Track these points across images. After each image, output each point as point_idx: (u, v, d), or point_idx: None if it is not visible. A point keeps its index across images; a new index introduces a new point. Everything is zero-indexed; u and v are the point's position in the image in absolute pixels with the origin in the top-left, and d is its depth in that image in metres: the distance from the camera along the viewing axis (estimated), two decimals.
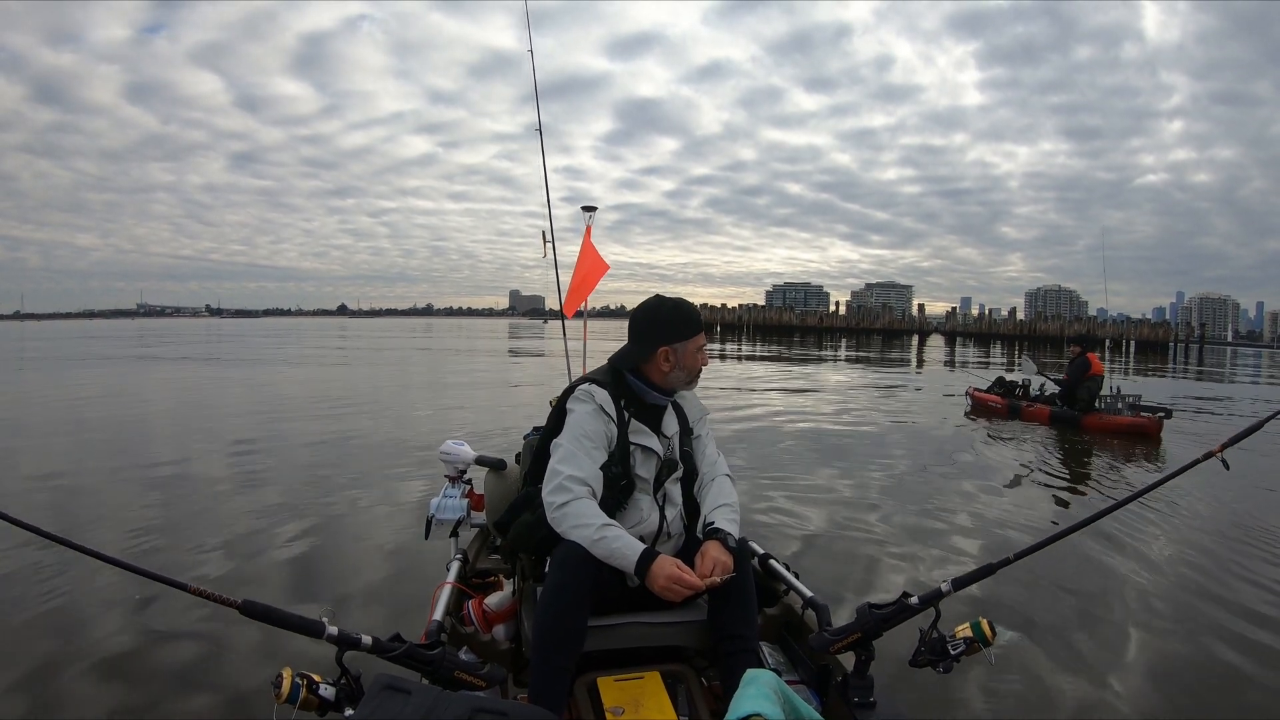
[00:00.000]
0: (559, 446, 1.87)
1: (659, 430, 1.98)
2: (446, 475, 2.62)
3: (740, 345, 42.88)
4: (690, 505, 2.03)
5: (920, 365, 27.49)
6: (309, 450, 7.50)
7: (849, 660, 1.74)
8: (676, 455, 2.00)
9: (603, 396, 1.90)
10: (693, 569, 1.75)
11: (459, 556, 2.43)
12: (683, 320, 1.95)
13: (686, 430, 2.05)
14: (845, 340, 56.24)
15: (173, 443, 8.20)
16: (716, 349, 34.86)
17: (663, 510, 1.95)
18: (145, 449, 7.72)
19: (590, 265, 3.65)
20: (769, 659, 1.93)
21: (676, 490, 2.00)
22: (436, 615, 1.93)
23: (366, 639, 1.52)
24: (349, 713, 1.43)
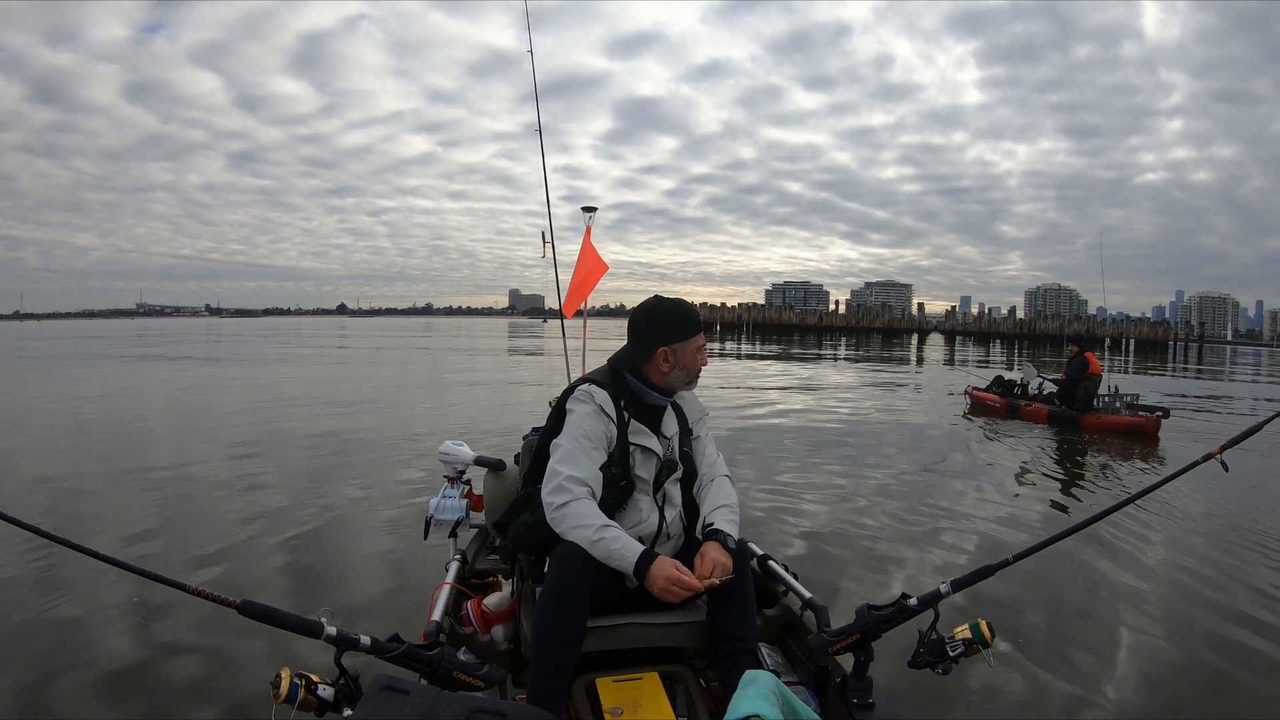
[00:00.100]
0: (558, 447, 1.87)
1: (659, 431, 1.98)
2: (445, 475, 2.62)
3: (740, 344, 42.87)
4: (690, 506, 2.02)
5: (920, 364, 27.50)
6: (308, 450, 7.50)
7: (848, 661, 1.74)
8: (676, 456, 2.00)
9: (602, 397, 1.90)
10: (692, 570, 1.75)
11: (458, 557, 2.43)
12: (682, 320, 1.95)
13: (686, 431, 2.05)
14: (845, 339, 56.26)
15: (172, 442, 8.21)
16: (716, 348, 34.85)
17: (662, 511, 1.95)
18: (144, 449, 7.72)
19: (590, 266, 3.65)
20: (768, 660, 1.92)
21: (676, 491, 2.00)
22: (435, 616, 1.93)
23: (365, 639, 1.51)
24: (347, 713, 1.43)
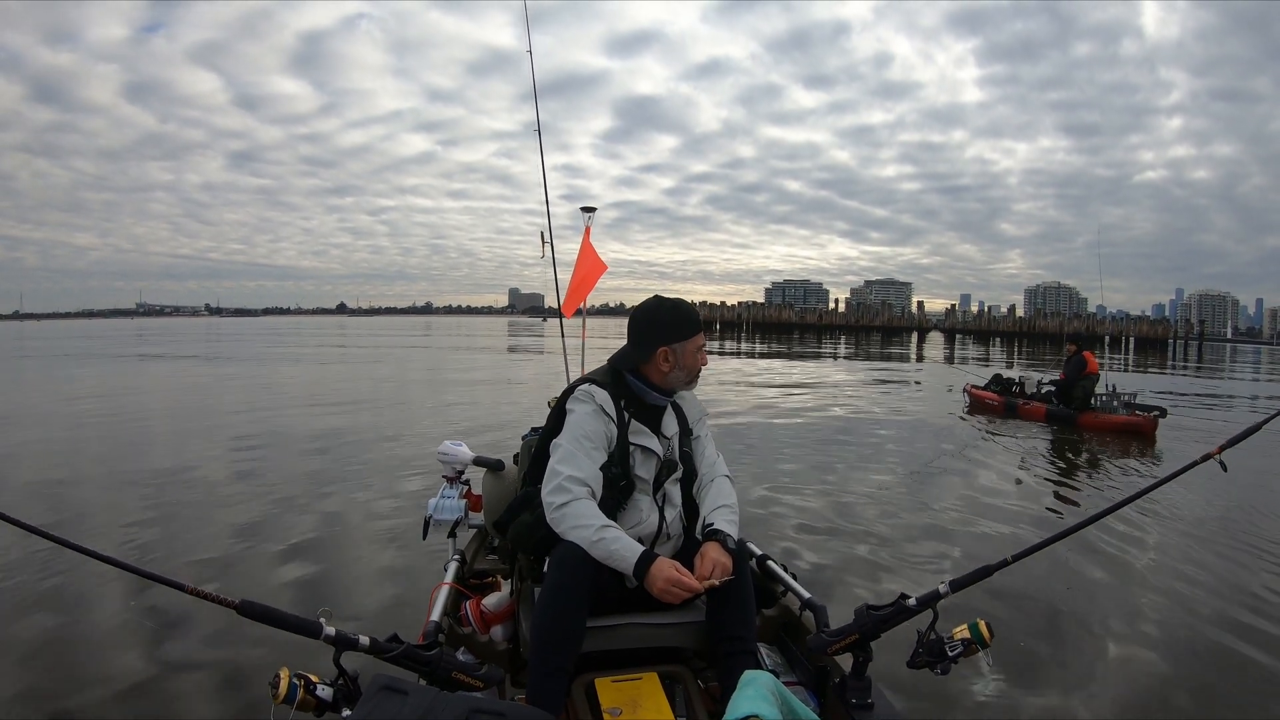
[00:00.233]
0: (558, 447, 1.87)
1: (659, 431, 1.98)
2: (444, 476, 2.62)
3: (740, 343, 42.88)
4: (689, 506, 2.02)
5: (920, 361, 27.52)
6: (307, 450, 7.50)
7: (846, 661, 1.74)
8: (676, 456, 2.00)
9: (603, 397, 1.90)
10: (691, 570, 1.75)
11: (457, 557, 2.43)
12: (682, 320, 1.95)
13: (686, 431, 2.05)
14: (844, 338, 56.26)
15: (172, 441, 8.21)
16: (716, 347, 34.86)
17: (662, 511, 1.95)
18: (144, 448, 7.72)
19: (589, 266, 3.65)
20: (766, 660, 1.93)
21: (676, 491, 2.00)
22: (434, 616, 1.93)
23: (364, 639, 1.52)
24: (346, 713, 1.43)
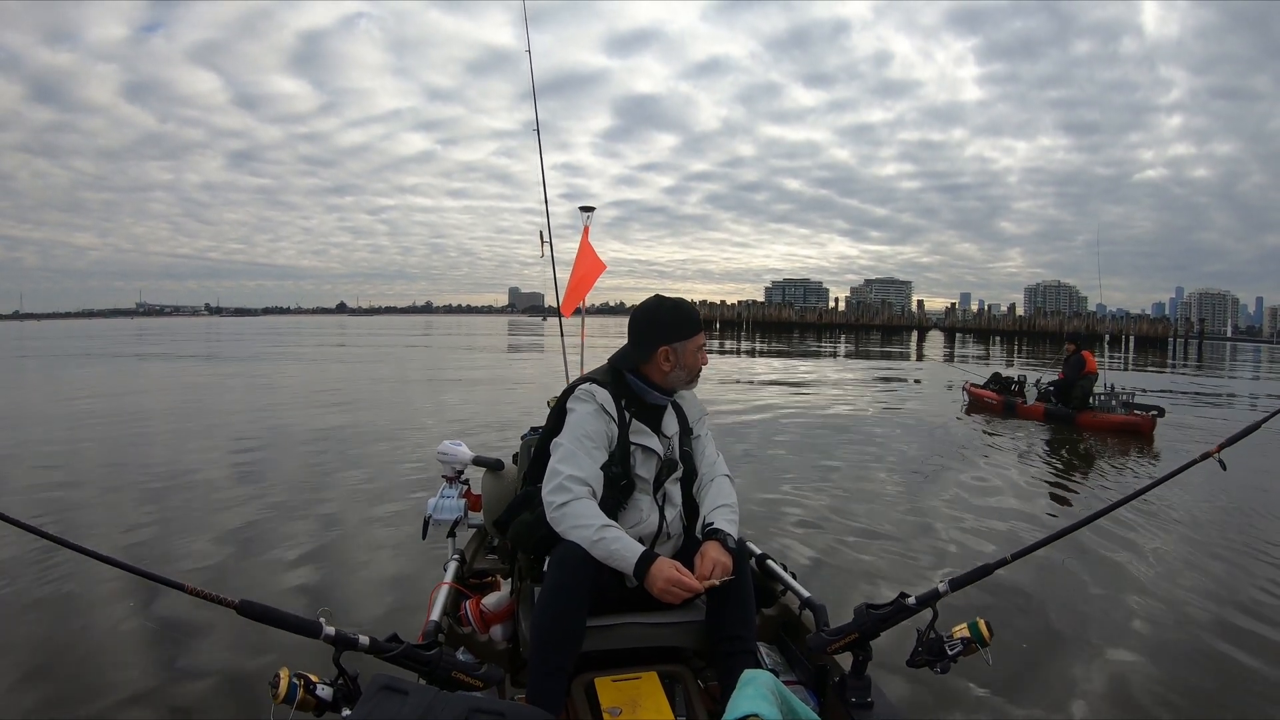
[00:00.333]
0: (559, 446, 1.86)
1: (659, 430, 1.97)
2: (444, 475, 2.63)
3: (740, 342, 42.88)
4: (690, 505, 2.02)
5: (920, 360, 27.52)
6: (306, 449, 7.51)
7: (846, 660, 1.74)
8: (676, 455, 2.00)
9: (604, 396, 1.90)
10: (692, 569, 1.75)
11: (456, 557, 2.43)
12: (682, 320, 1.95)
13: (686, 430, 2.05)
14: (845, 336, 56.28)
15: (172, 441, 8.20)
16: (716, 346, 34.86)
17: (662, 510, 1.94)
18: (144, 448, 7.72)
19: (588, 265, 3.65)
20: (766, 659, 1.93)
21: (676, 490, 2.00)
22: (434, 615, 1.93)
23: (364, 639, 1.52)
24: (346, 713, 1.43)
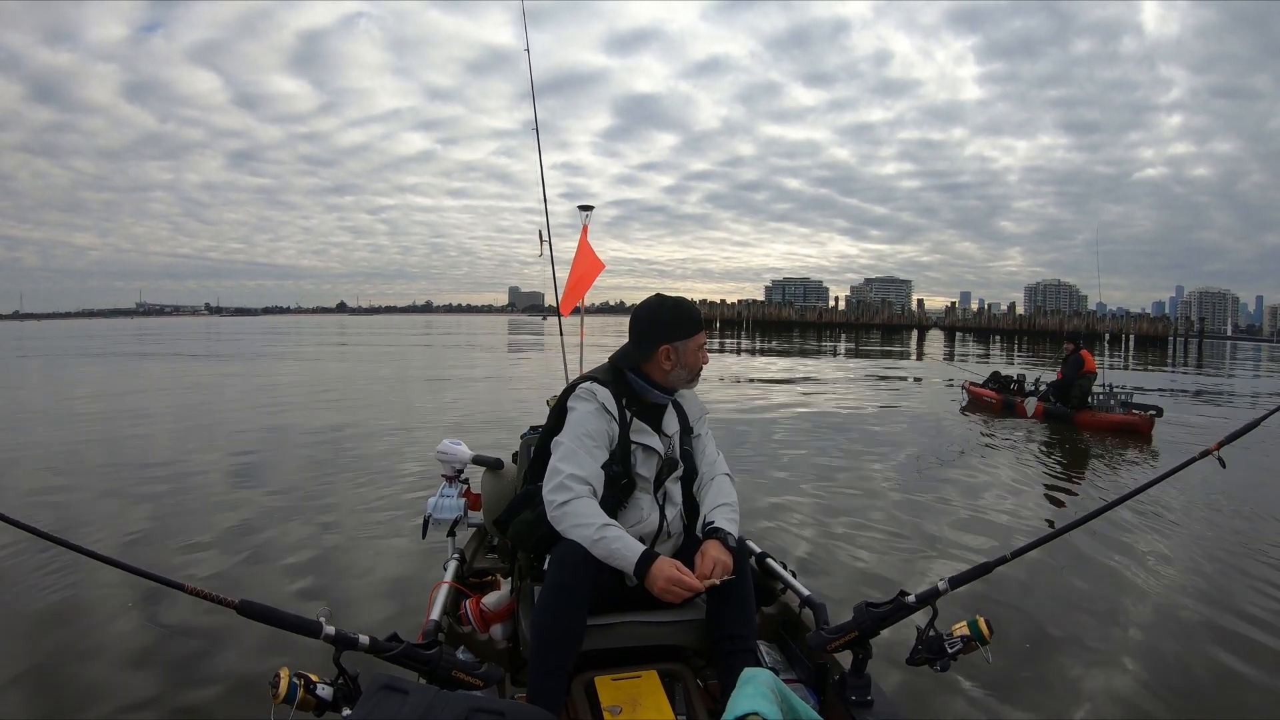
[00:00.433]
0: (560, 445, 1.87)
1: (660, 429, 1.98)
2: (443, 474, 2.62)
3: (740, 341, 42.87)
4: (690, 504, 2.03)
5: (920, 359, 27.53)
6: (306, 448, 7.51)
7: (846, 659, 1.74)
8: (677, 454, 2.00)
9: (605, 395, 1.90)
10: (692, 568, 1.75)
11: (456, 556, 2.43)
12: (684, 319, 1.95)
13: (687, 429, 2.05)
14: (845, 335, 56.28)
15: (172, 440, 8.20)
16: (716, 345, 34.86)
17: (663, 509, 1.95)
18: (144, 447, 7.71)
19: (586, 264, 3.64)
20: (766, 658, 1.93)
21: (676, 489, 2.00)
22: (434, 615, 1.93)
23: (364, 639, 1.51)
24: (346, 712, 1.43)
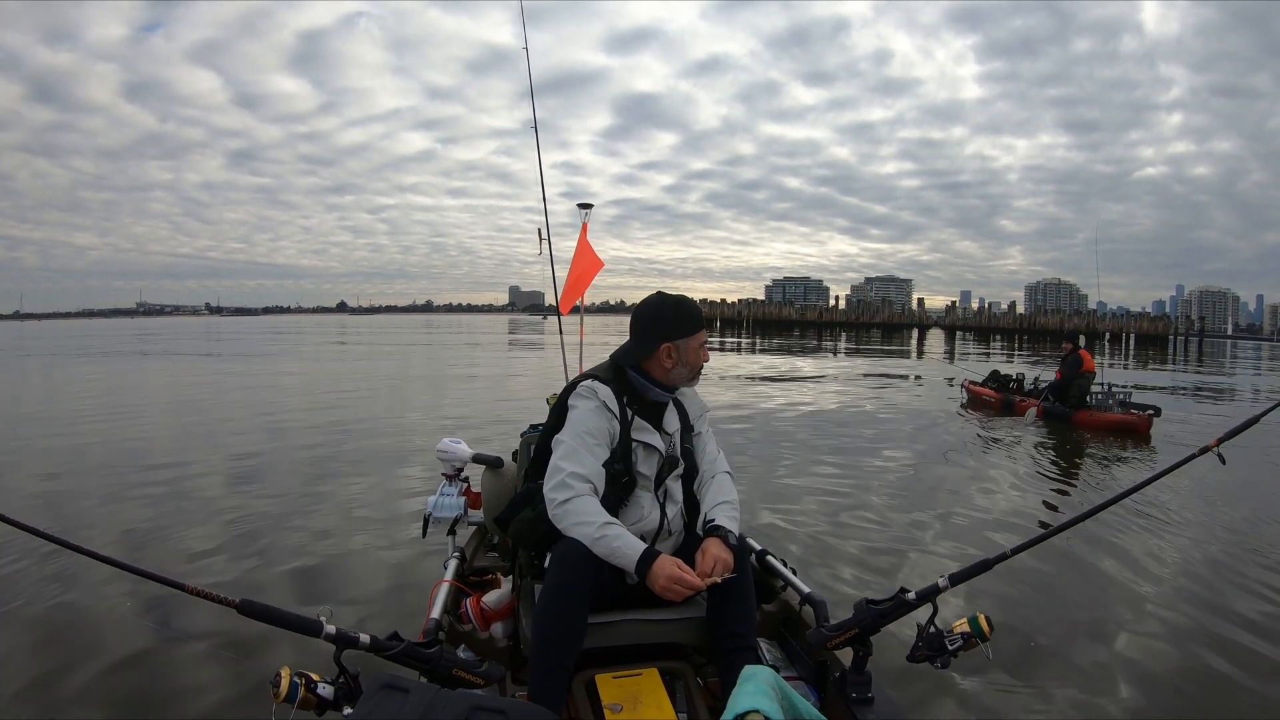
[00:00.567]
0: (561, 443, 1.87)
1: (661, 427, 1.98)
2: (443, 473, 2.63)
3: (740, 340, 42.88)
4: (690, 502, 2.03)
5: (920, 358, 27.54)
6: (306, 447, 7.51)
7: (847, 656, 1.75)
8: (678, 452, 2.00)
9: (606, 393, 1.90)
10: (693, 566, 1.75)
11: (456, 554, 2.43)
12: (685, 317, 1.95)
13: (687, 427, 2.05)
14: (845, 334, 56.29)
15: (172, 440, 8.20)
16: (717, 344, 34.85)
17: (663, 507, 1.95)
18: (145, 447, 7.71)
19: (586, 263, 3.64)
20: (767, 655, 1.93)
21: (677, 487, 2.00)
22: (434, 613, 1.93)
23: (364, 638, 1.52)
24: (347, 711, 1.44)
